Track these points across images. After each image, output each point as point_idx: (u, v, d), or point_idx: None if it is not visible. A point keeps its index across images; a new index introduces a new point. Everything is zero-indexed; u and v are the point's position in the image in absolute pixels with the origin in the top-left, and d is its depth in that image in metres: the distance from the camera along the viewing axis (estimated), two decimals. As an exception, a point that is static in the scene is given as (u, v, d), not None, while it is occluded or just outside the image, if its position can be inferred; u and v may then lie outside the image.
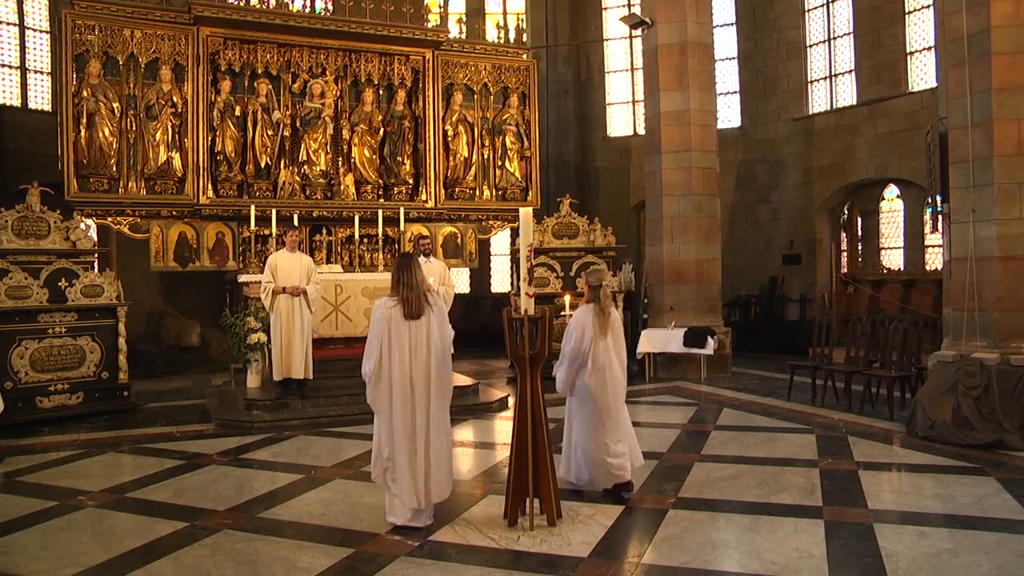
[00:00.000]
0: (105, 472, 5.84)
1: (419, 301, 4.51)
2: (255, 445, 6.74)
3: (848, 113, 13.11)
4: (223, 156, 9.94)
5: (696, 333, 10.02)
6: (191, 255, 9.91)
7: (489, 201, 11.43)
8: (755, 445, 6.50)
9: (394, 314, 4.50)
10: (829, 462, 5.88)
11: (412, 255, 4.75)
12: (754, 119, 14.51)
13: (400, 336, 4.48)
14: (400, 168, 10.89)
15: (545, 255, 10.83)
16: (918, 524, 4.49)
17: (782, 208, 14.16)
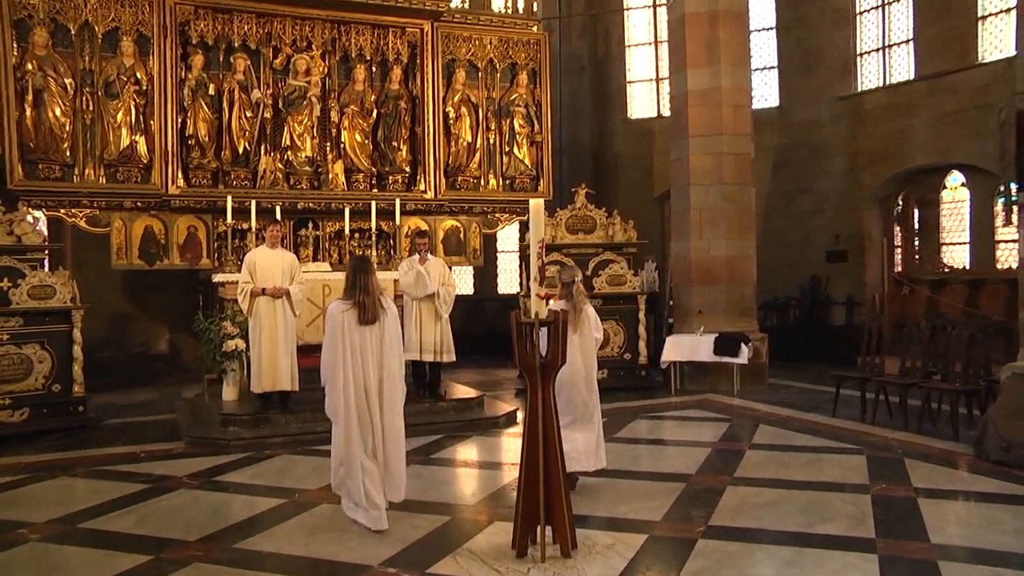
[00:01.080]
0: (54, 500, 5.78)
1: (374, 306, 4.97)
2: (231, 466, 6.72)
3: (904, 90, 13.01)
4: (195, 140, 9.93)
5: (728, 340, 9.99)
6: (159, 252, 9.90)
7: (495, 192, 11.41)
8: (796, 467, 6.45)
9: (348, 319, 4.95)
10: (883, 487, 5.82)
11: (367, 258, 5.28)
12: (794, 98, 14.44)
13: (354, 341, 4.95)
14: (395, 154, 10.88)
15: (558, 252, 10.80)
16: (993, 564, 4.38)
17: (826, 199, 14.09)
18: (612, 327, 10.60)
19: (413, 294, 8.36)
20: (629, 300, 10.61)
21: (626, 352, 10.62)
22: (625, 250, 11.01)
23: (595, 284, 10.61)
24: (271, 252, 7.86)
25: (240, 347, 8.32)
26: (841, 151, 13.88)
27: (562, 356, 4.66)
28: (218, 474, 6.47)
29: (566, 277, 5.82)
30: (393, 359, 5.04)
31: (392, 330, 5.08)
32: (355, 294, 4.97)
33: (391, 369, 5.03)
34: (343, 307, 4.98)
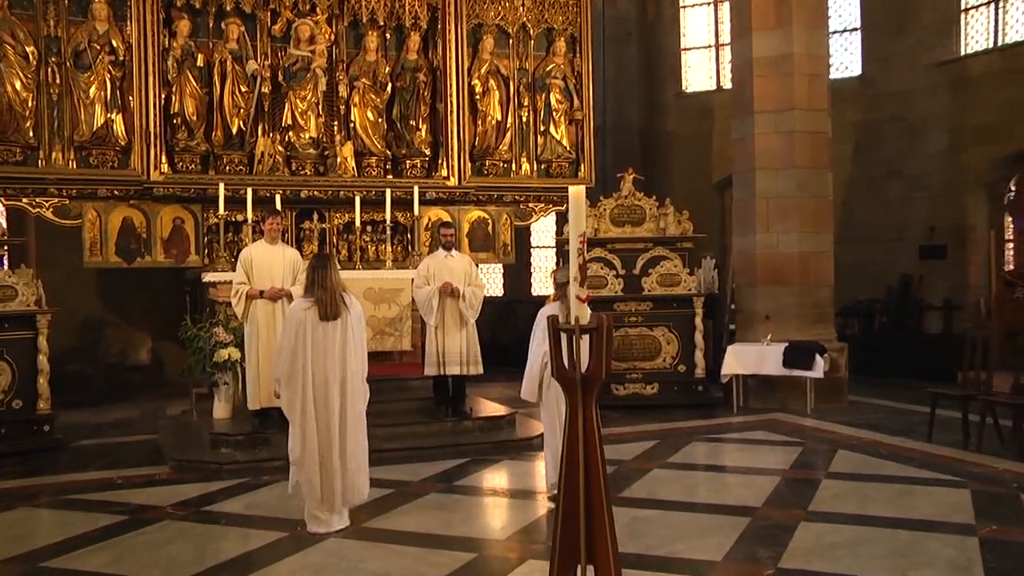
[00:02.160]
0: (12, 535, 5.81)
1: (335, 303, 5.67)
2: (223, 494, 6.77)
3: (1020, 52, 12.74)
4: (181, 119, 10.01)
5: (800, 350, 9.92)
6: (139, 247, 9.98)
7: (528, 177, 11.41)
8: (884, 501, 6.37)
9: (309, 316, 5.67)
10: (993, 529, 5.70)
11: (328, 255, 5.98)
12: (882, 65, 14.25)
13: (315, 339, 5.66)
14: (413, 135, 10.92)
15: (601, 247, 10.77)
16: None
17: (920, 184, 13.88)
18: (663, 335, 10.55)
19: (422, 312, 8.39)
20: (683, 303, 10.55)
21: (680, 364, 10.56)
22: (679, 245, 10.95)
23: (644, 285, 10.56)
24: (270, 248, 7.91)
25: (234, 357, 8.39)
26: (940, 127, 13.66)
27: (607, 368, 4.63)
28: (208, 503, 6.51)
29: (561, 277, 6.28)
30: (355, 358, 5.74)
31: (356, 328, 5.77)
32: (314, 291, 5.69)
33: (353, 368, 5.73)
34: (304, 305, 5.71)
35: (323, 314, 5.68)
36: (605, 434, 4.92)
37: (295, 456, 5.72)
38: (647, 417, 9.79)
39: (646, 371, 10.58)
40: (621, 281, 10.63)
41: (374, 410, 8.39)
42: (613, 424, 9.26)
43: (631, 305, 10.63)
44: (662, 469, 7.43)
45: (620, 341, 10.38)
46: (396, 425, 8.30)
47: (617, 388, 10.52)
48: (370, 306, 9.12)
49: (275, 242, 7.97)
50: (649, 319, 10.60)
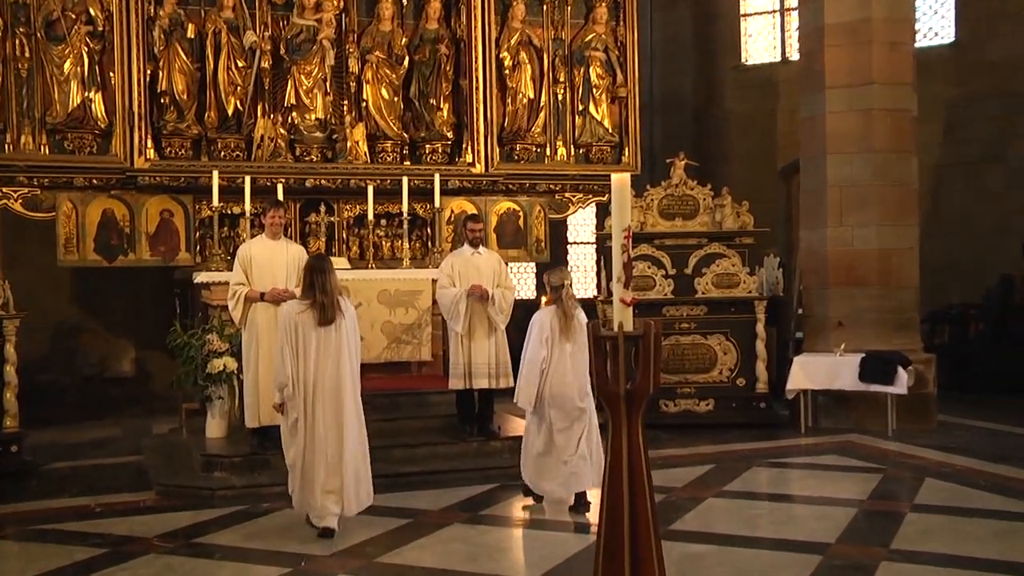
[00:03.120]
0: (-21, 570, 5.90)
1: (333, 307, 6.18)
2: (217, 523, 6.80)
3: None
4: (170, 98, 10.08)
5: (879, 362, 9.83)
6: (122, 244, 10.03)
7: (565, 163, 11.39)
8: (980, 540, 6.28)
9: (304, 320, 6.20)
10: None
11: (324, 256, 6.62)
12: (978, 30, 14.06)
13: (310, 343, 6.20)
14: (434, 116, 10.94)
15: (648, 243, 10.73)
16: None
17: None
18: (719, 343, 10.49)
19: (447, 317, 8.38)
20: (743, 307, 10.49)
21: (739, 377, 10.48)
22: (738, 241, 10.88)
23: (697, 286, 10.51)
24: (272, 244, 7.93)
25: (230, 368, 8.44)
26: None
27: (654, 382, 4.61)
28: (199, 534, 6.54)
29: (555, 280, 6.80)
30: (349, 362, 6.31)
31: (350, 332, 6.33)
32: (313, 294, 6.19)
33: (351, 371, 6.32)
34: (299, 308, 6.25)
35: (321, 319, 6.17)
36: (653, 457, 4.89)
37: (290, 461, 6.33)
38: (701, 438, 9.74)
39: (700, 385, 10.52)
40: (671, 282, 10.57)
41: (389, 428, 8.49)
42: (662, 446, 9.22)
43: (682, 310, 10.58)
44: (719, 498, 7.38)
45: (670, 351, 10.32)
46: (414, 446, 8.32)
47: (666, 405, 10.47)
48: (384, 310, 9.15)
49: (277, 237, 8.00)
50: (703, 326, 10.53)
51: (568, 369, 6.75)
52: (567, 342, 6.72)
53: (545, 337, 6.74)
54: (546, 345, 6.73)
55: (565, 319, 6.73)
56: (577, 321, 6.75)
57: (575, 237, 15.87)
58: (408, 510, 7.02)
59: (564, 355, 6.74)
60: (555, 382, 6.75)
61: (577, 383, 6.77)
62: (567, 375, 6.75)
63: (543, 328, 6.77)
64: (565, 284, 6.79)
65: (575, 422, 6.84)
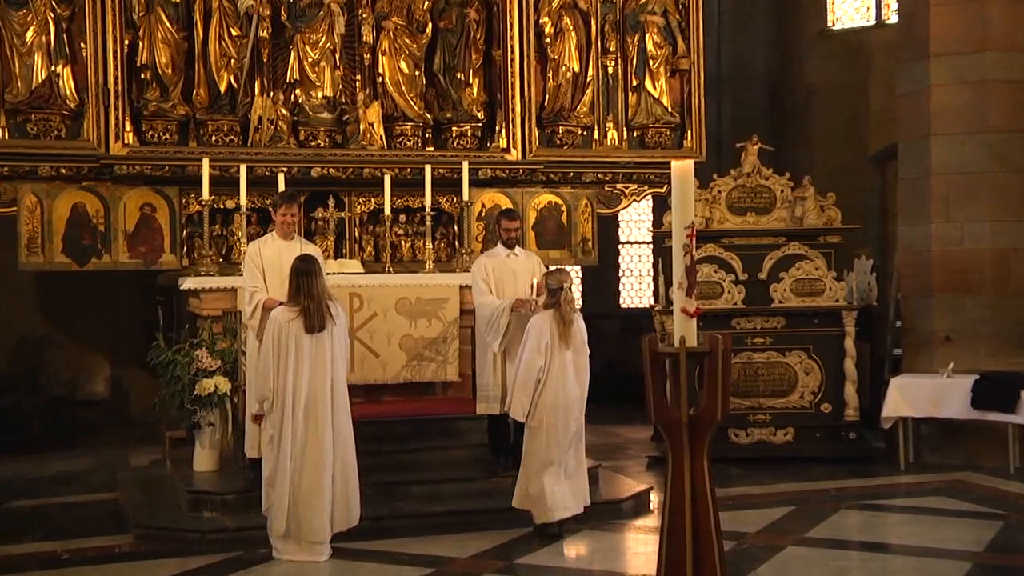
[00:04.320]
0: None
1: (321, 313, 6.65)
2: (206, 572, 6.82)
3: None
4: (152, 73, 10.11)
5: (996, 385, 9.71)
6: (95, 244, 10.05)
7: (617, 149, 11.38)
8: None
9: (292, 328, 6.66)
10: None
11: (311, 257, 6.90)
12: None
13: (299, 352, 6.65)
14: (462, 93, 10.97)
15: (715, 243, 10.68)
16: None
17: None
18: (800, 362, 10.41)
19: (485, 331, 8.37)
20: (828, 319, 10.40)
21: (823, 401, 10.40)
22: (822, 240, 10.79)
23: (773, 294, 10.44)
24: (284, 245, 7.91)
25: (222, 389, 8.45)
26: None
27: (723, 407, 4.61)
28: (187, 584, 6.59)
29: (553, 283, 7.34)
30: (340, 372, 6.84)
31: (341, 340, 6.85)
32: (299, 300, 6.65)
33: (340, 382, 6.85)
34: (289, 315, 6.69)
35: (309, 326, 6.67)
36: (721, 496, 4.85)
37: (267, 475, 6.84)
38: (778, 474, 9.69)
39: (777, 411, 10.46)
40: (742, 289, 10.51)
41: (409, 461, 8.50)
42: (732, 483, 9.19)
43: (756, 322, 10.52)
44: (800, 546, 7.33)
45: (741, 370, 10.27)
46: (439, 482, 8.32)
47: (737, 434, 10.42)
48: (404, 322, 9.15)
49: (290, 237, 8.02)
50: (781, 340, 10.47)
51: (570, 377, 7.33)
52: (566, 349, 7.29)
53: (544, 344, 7.23)
54: (544, 352, 7.23)
55: (563, 324, 7.28)
56: (576, 327, 7.37)
57: (628, 236, 15.83)
58: (431, 557, 7.03)
59: (564, 363, 7.30)
60: (554, 391, 7.27)
61: (579, 391, 7.41)
62: (568, 383, 7.32)
63: (541, 334, 7.25)
64: (564, 287, 7.34)
65: (573, 435, 7.41)
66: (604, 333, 14.49)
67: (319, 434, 6.73)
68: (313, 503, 6.74)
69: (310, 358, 6.70)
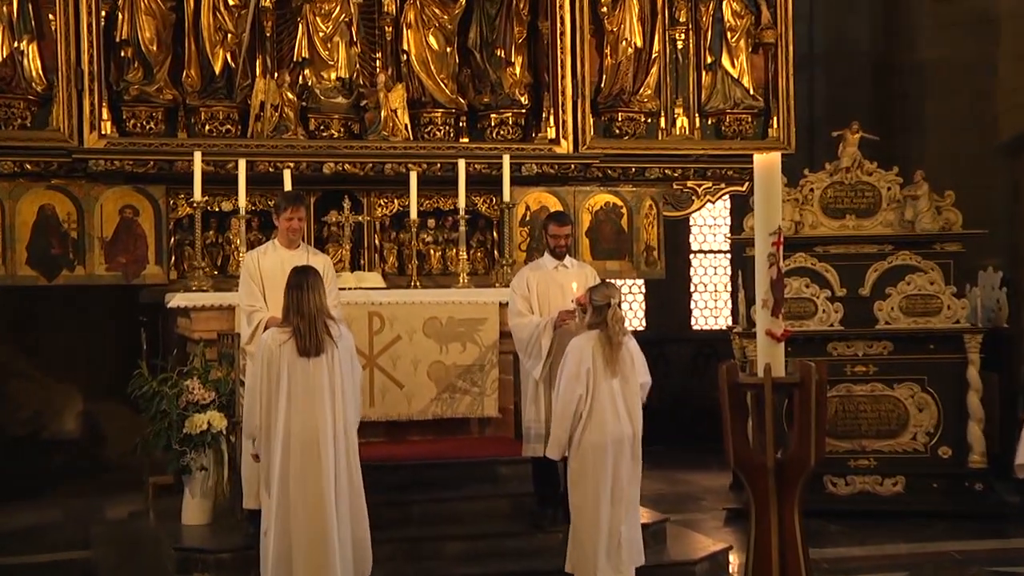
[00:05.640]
0: None
1: (315, 332, 6.58)
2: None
3: None
4: (134, 51, 10.18)
5: None
6: (66, 253, 10.09)
7: (687, 139, 11.40)
8: None
9: (284, 352, 6.59)
10: None
11: (307, 269, 6.86)
12: None
13: (294, 379, 6.58)
14: (502, 73, 11.01)
15: (807, 252, 10.64)
16: None
17: None
18: (912, 395, 10.34)
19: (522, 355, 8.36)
20: (947, 344, 10.34)
21: (941, 444, 10.33)
22: (939, 248, 10.73)
23: (879, 313, 10.38)
24: (288, 256, 7.89)
25: (217, 426, 8.47)
26: None
27: (817, 450, 4.59)
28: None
29: (598, 297, 7.20)
30: (348, 404, 6.73)
31: (346, 365, 6.74)
32: (290, 318, 6.64)
33: (347, 417, 6.72)
34: (280, 337, 6.65)
35: (302, 348, 6.59)
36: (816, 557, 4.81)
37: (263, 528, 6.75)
38: (886, 532, 9.63)
39: (883, 456, 10.39)
40: (839, 307, 10.45)
41: (440, 512, 8.50)
42: (829, 542, 9.12)
43: (857, 347, 10.46)
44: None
45: (839, 406, 10.22)
46: (475, 537, 8.33)
47: (835, 483, 10.37)
48: (433, 347, 9.18)
49: (295, 246, 8.06)
50: (887, 370, 10.41)
51: (620, 411, 7.15)
52: (613, 377, 7.11)
53: (585, 369, 7.08)
54: (585, 379, 7.08)
55: (611, 347, 7.10)
56: (626, 350, 7.19)
57: (701, 244, 15.78)
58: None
59: (612, 393, 7.12)
60: (600, 429, 7.08)
61: (632, 428, 7.19)
62: (619, 418, 7.14)
63: (582, 358, 7.09)
64: (612, 303, 7.16)
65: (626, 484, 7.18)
66: (673, 360, 14.49)
67: (319, 479, 6.55)
68: (313, 561, 6.53)
69: (305, 387, 6.59)
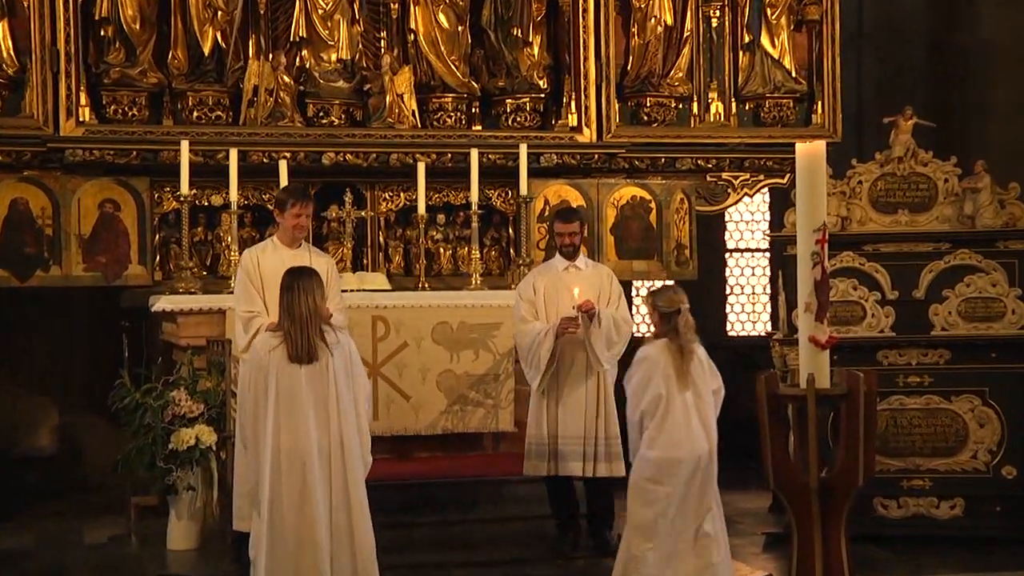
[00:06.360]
0: None
1: (306, 337, 6.50)
2: None
3: None
4: (114, 30, 10.26)
5: None
6: (40, 252, 10.20)
7: (723, 127, 11.47)
8: None
9: (274, 359, 6.54)
10: None
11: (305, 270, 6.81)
12: None
13: (283, 388, 6.52)
14: (519, 55, 11.06)
15: (854, 251, 10.61)
16: None
17: None
18: (972, 409, 10.30)
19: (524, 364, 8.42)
20: (1010, 352, 10.27)
21: (1004, 463, 10.28)
22: (1002, 246, 10.69)
23: (934, 318, 10.37)
24: (289, 255, 7.90)
25: (206, 441, 8.52)
26: None
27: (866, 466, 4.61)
28: None
29: (665, 304, 7.06)
30: (345, 417, 6.61)
31: (341, 373, 6.65)
32: (282, 322, 6.62)
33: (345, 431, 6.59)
34: (271, 342, 6.63)
35: (292, 354, 6.53)
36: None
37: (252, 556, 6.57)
38: (943, 559, 9.57)
39: (940, 475, 10.34)
40: (890, 311, 10.42)
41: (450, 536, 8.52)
42: (879, 570, 9.11)
43: (910, 355, 10.42)
44: None
45: (889, 419, 10.20)
46: (487, 564, 8.34)
47: (885, 505, 10.34)
48: (443, 354, 9.22)
49: (297, 244, 8.09)
50: (944, 381, 10.36)
51: (695, 426, 6.95)
52: (686, 389, 6.94)
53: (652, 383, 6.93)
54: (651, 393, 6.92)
55: (682, 357, 6.95)
56: (697, 359, 7.04)
57: (737, 242, 15.73)
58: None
59: (686, 407, 6.95)
60: (675, 444, 6.90)
61: (709, 445, 6.98)
62: (694, 433, 6.94)
63: (655, 369, 6.96)
64: (683, 308, 7.01)
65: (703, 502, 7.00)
66: (706, 370, 14.49)
67: (308, 501, 6.46)
68: None
69: (294, 398, 6.50)
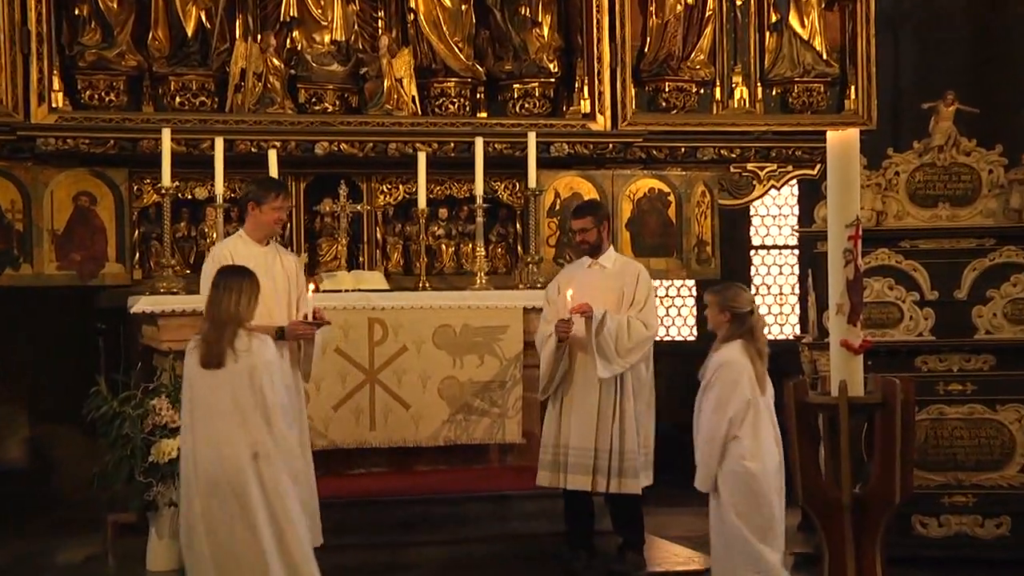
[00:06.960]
0: None
1: (220, 343, 6.51)
2: None
3: None
4: (90, 10, 10.27)
5: None
6: (9, 249, 10.22)
7: (748, 113, 11.47)
8: None
9: (190, 363, 6.65)
10: None
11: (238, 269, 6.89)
12: None
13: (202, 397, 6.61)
14: (527, 36, 11.08)
15: (890, 247, 10.61)
16: None
17: None
18: (1019, 418, 10.28)
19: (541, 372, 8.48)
20: (1064, 360, 10.31)
21: (1065, 481, 10.31)
22: (1049, 242, 10.73)
23: (978, 321, 10.37)
24: (259, 252, 7.98)
25: (189, 453, 8.60)
26: None
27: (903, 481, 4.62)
28: None
29: (736, 302, 7.04)
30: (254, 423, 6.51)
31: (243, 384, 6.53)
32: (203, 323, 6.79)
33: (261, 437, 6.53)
34: (190, 344, 6.74)
35: (203, 359, 6.60)
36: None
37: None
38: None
39: (983, 491, 10.34)
40: (930, 313, 10.42)
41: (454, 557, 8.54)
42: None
43: (951, 361, 10.43)
44: None
45: (929, 430, 10.21)
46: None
47: (925, 523, 10.34)
48: (445, 360, 9.23)
49: (267, 241, 8.14)
50: (989, 388, 10.36)
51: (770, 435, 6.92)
52: (762, 394, 6.91)
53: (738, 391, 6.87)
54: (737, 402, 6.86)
55: (760, 360, 6.95)
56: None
57: (763, 238, 15.77)
58: None
59: (770, 412, 6.95)
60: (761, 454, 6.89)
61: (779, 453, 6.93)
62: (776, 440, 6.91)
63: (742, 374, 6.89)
64: (755, 309, 7.12)
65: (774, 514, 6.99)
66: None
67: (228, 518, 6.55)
68: None
69: (206, 407, 6.59)
